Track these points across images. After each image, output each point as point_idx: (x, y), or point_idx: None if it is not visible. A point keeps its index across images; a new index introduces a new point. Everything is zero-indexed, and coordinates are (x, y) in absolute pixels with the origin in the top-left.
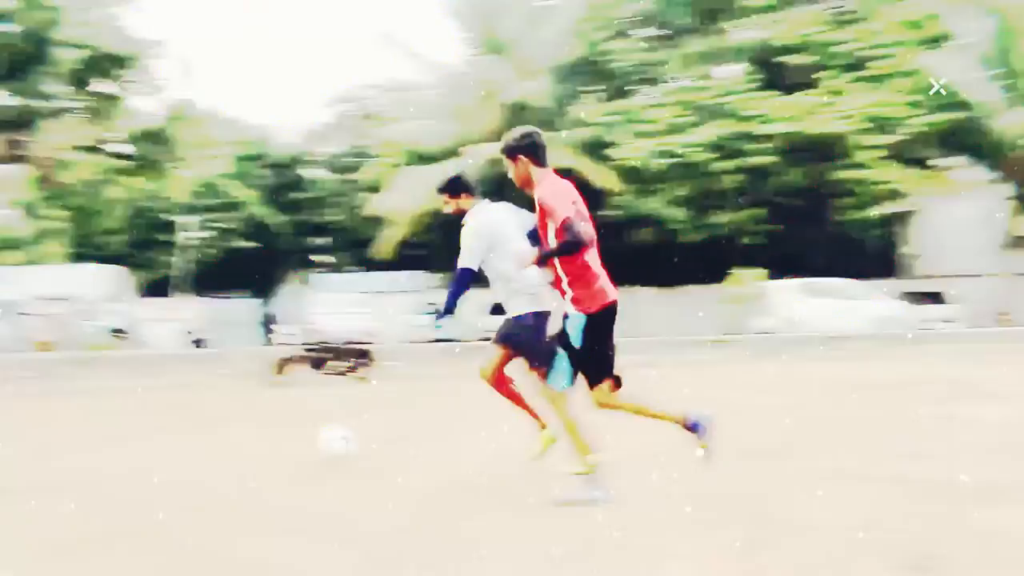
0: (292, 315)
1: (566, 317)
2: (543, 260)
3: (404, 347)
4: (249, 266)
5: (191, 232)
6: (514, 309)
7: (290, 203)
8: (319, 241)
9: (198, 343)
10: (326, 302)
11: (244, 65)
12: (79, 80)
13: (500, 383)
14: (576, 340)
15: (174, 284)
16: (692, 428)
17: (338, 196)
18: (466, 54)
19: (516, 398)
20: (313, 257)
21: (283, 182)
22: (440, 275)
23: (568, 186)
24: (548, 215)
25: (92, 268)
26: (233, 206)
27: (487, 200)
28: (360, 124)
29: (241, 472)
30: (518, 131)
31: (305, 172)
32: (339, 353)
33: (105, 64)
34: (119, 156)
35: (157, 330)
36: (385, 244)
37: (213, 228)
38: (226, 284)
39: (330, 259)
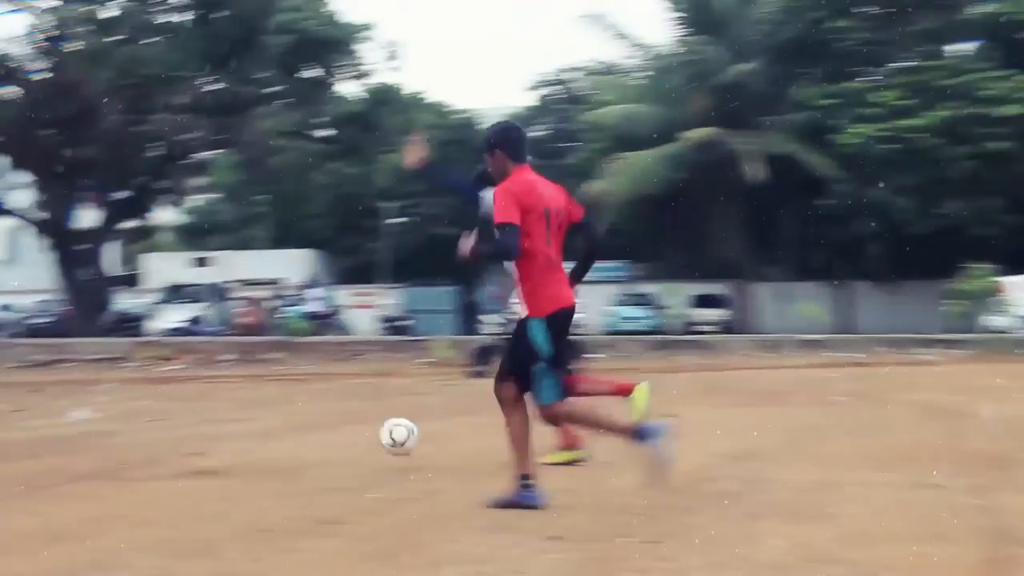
0: (494, 304)
1: (524, 324)
2: (475, 254)
3: (608, 339)
4: (451, 253)
5: (393, 218)
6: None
7: None
8: None
9: (398, 330)
10: None
11: (449, 47)
12: (287, 66)
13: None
14: (545, 347)
15: (376, 270)
16: (639, 435)
17: None
18: (676, 35)
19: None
20: None
21: (488, 168)
22: (645, 265)
23: (533, 184)
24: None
25: (295, 253)
26: (436, 191)
27: None
28: (565, 108)
29: (443, 463)
30: (497, 125)
31: None
32: None
33: (313, 49)
34: (324, 141)
35: (357, 316)
36: None
37: (415, 214)
38: (427, 271)
39: None
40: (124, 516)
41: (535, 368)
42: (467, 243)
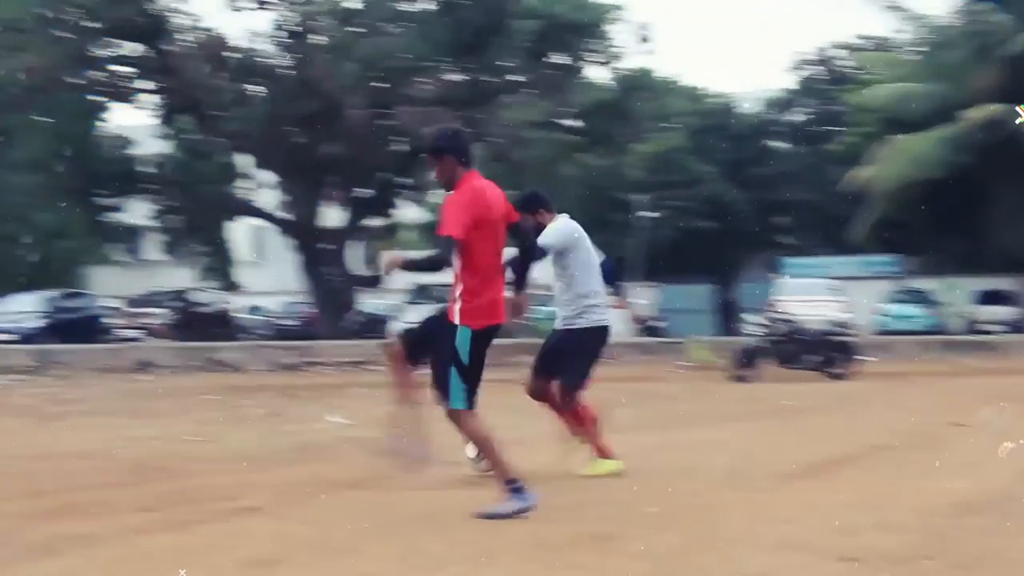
0: (755, 303)
1: (452, 330)
2: (406, 266)
3: (881, 340)
4: (707, 248)
5: (645, 212)
6: (585, 321)
7: (752, 179)
8: (784, 221)
9: (652, 331)
10: (794, 289)
11: (704, 28)
12: (534, 52)
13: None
14: (464, 356)
15: (627, 267)
16: (512, 491)
17: (805, 170)
18: (956, 3)
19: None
20: (778, 239)
21: (744, 155)
22: (921, 259)
23: (482, 192)
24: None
25: None
26: (690, 183)
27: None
28: (829, 89)
29: (714, 474)
30: (443, 129)
31: (768, 144)
32: (811, 346)
33: (561, 34)
34: (572, 131)
35: (609, 316)
36: (860, 224)
37: (668, 207)
38: (682, 267)
39: (796, 241)
40: (394, 527)
41: (452, 371)
42: (395, 256)
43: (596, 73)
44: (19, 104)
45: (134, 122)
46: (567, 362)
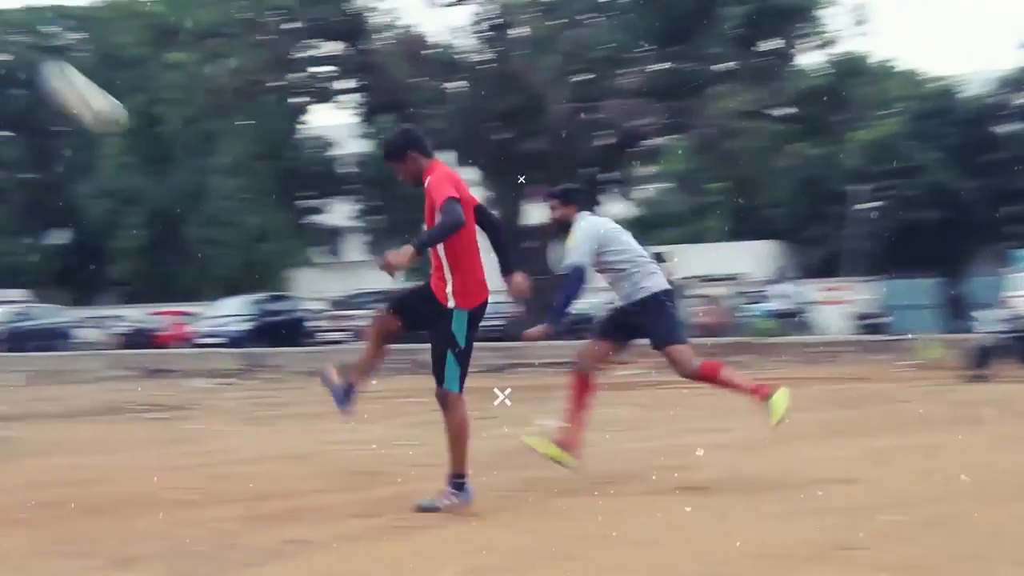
0: (986, 298)
1: (448, 315)
2: (423, 245)
3: None
4: (932, 240)
5: (864, 203)
6: (646, 290)
7: (980, 165)
8: (1017, 210)
9: (873, 328)
10: None
11: (922, 7)
12: (743, 39)
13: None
14: (462, 340)
15: (845, 261)
16: (455, 485)
17: None
18: None
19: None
20: (1010, 229)
21: (971, 141)
22: None
23: (453, 173)
24: (432, 200)
25: (755, 245)
26: (912, 171)
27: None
28: None
29: (957, 481)
30: (396, 131)
31: (999, 128)
32: None
33: (772, 19)
34: (784, 120)
35: (827, 313)
36: None
37: (889, 197)
38: (904, 261)
39: None
40: (616, 535)
41: (448, 355)
42: (399, 251)
43: (809, 59)
44: (223, 109)
45: (334, 123)
46: (654, 329)
